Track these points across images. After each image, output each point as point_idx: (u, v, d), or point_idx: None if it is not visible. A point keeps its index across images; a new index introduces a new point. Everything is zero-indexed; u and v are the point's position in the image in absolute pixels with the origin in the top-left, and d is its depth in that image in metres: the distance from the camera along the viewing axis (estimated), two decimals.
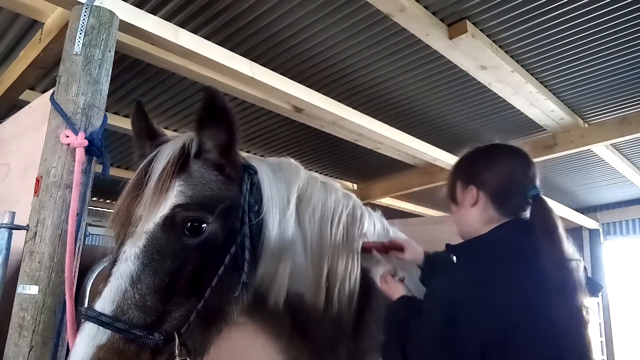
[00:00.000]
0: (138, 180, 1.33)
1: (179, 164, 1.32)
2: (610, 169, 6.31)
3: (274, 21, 3.36)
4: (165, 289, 1.21)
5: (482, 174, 1.49)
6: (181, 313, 1.23)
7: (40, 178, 2.00)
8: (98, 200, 8.71)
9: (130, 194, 1.33)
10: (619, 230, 8.42)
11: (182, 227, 1.26)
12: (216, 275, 1.29)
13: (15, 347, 1.81)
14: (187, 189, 1.30)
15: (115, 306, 1.16)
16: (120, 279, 1.20)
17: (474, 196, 1.48)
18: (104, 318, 1.14)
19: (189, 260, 1.27)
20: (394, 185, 6.79)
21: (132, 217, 1.28)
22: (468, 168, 1.57)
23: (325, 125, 4.63)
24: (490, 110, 4.75)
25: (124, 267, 1.21)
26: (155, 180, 1.29)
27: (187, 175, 1.33)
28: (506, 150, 1.56)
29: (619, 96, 4.45)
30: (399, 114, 4.85)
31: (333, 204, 1.71)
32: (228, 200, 1.37)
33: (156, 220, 1.25)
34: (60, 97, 2.10)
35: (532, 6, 3.15)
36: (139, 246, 1.23)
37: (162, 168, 1.31)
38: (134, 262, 1.21)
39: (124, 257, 1.23)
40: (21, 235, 1.94)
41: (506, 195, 1.44)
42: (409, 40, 3.53)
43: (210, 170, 1.37)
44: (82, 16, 2.22)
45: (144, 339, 1.15)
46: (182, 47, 2.87)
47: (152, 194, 1.27)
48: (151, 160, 1.35)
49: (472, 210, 1.48)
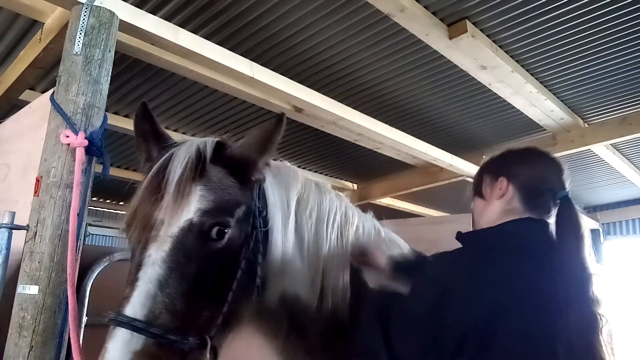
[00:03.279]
0: (155, 184, 1.32)
1: (198, 168, 1.32)
2: (610, 169, 6.31)
3: (274, 21, 3.36)
4: (193, 293, 1.21)
5: (516, 168, 1.50)
6: (207, 317, 1.24)
7: (40, 178, 2.00)
8: (98, 200, 8.72)
9: (148, 197, 1.31)
10: (619, 230, 8.42)
11: (208, 231, 1.26)
12: (235, 279, 1.31)
13: (15, 347, 1.81)
14: (208, 194, 1.30)
15: (147, 311, 1.15)
16: (148, 284, 1.18)
17: (503, 188, 1.48)
18: (138, 323, 1.12)
19: (213, 265, 1.27)
20: (394, 185, 6.79)
21: (152, 221, 1.27)
22: (500, 162, 1.58)
23: (325, 125, 4.63)
24: (490, 110, 4.75)
25: (151, 271, 1.20)
26: (175, 184, 1.28)
27: (207, 180, 1.33)
28: (540, 152, 1.58)
29: (619, 96, 4.46)
30: (399, 114, 4.85)
31: (328, 205, 1.73)
32: (243, 206, 1.38)
33: (181, 225, 1.25)
34: (60, 97, 2.10)
35: (532, 6, 3.15)
36: (165, 250, 1.22)
37: (181, 172, 1.30)
38: (161, 266, 1.20)
39: (149, 261, 1.21)
40: (21, 235, 1.94)
41: (536, 191, 1.45)
42: (409, 40, 3.53)
43: (228, 176, 1.38)
44: (82, 16, 2.22)
45: (179, 344, 1.15)
46: (182, 47, 2.87)
47: (173, 198, 1.26)
48: (166, 164, 1.34)
49: (497, 202, 1.49)
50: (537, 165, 1.52)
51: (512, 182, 1.48)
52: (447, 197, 6.81)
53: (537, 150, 1.60)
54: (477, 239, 1.45)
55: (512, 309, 1.22)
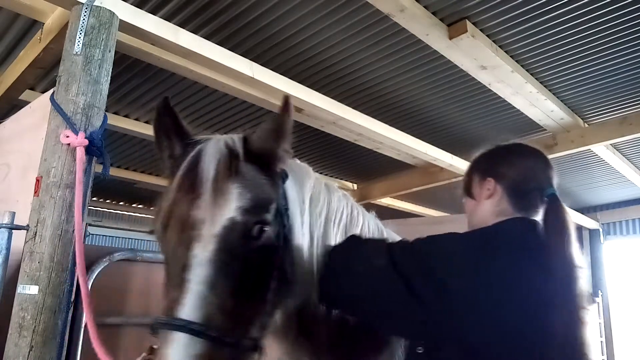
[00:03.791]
0: (188, 183, 1.29)
1: (230, 165, 1.30)
2: (610, 169, 6.31)
3: (274, 21, 3.37)
4: (239, 293, 1.20)
5: (502, 167, 1.50)
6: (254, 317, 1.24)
7: (40, 178, 2.00)
8: (98, 200, 8.72)
9: (183, 197, 1.28)
10: (619, 230, 8.42)
11: (250, 229, 1.25)
12: (273, 277, 1.31)
13: (15, 347, 1.81)
14: (245, 192, 1.28)
15: (202, 313, 1.13)
16: (199, 285, 1.15)
17: (490, 188, 1.49)
18: (196, 327, 1.10)
19: (255, 263, 1.26)
20: (394, 185, 6.79)
21: (192, 220, 1.24)
22: (487, 162, 1.58)
23: (325, 125, 4.64)
24: (490, 110, 4.76)
25: (199, 271, 1.17)
26: (211, 182, 1.26)
27: (242, 177, 1.30)
28: (527, 149, 1.58)
29: (619, 96, 4.46)
30: (399, 114, 4.85)
31: (336, 204, 1.73)
32: (275, 203, 1.37)
33: (224, 223, 1.22)
34: (60, 97, 2.10)
35: (532, 6, 3.15)
36: (210, 250, 1.20)
37: (215, 170, 1.28)
38: (208, 266, 1.18)
39: (196, 262, 1.19)
40: (21, 235, 1.94)
41: (523, 190, 1.45)
42: (409, 40, 3.53)
43: (259, 173, 1.36)
44: (82, 16, 2.22)
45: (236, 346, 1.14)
46: (182, 47, 2.87)
47: (212, 196, 1.24)
48: (196, 162, 1.32)
49: (487, 202, 1.49)
50: (523, 163, 1.50)
51: (500, 182, 1.48)
52: (447, 197, 6.82)
53: (524, 148, 1.59)
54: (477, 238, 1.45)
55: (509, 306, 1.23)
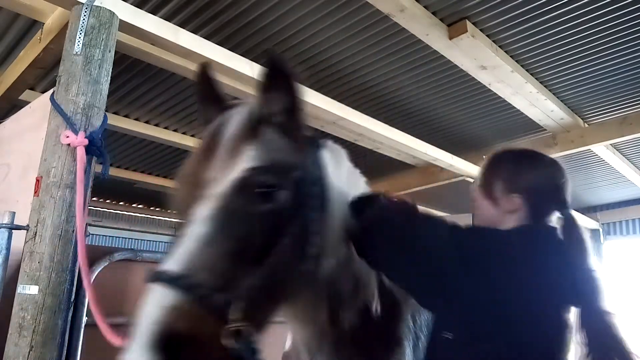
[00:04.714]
0: (207, 144, 1.31)
1: (250, 128, 1.30)
2: (610, 169, 6.31)
3: (274, 21, 3.37)
4: (235, 254, 1.18)
5: (530, 186, 1.51)
6: (247, 280, 1.19)
7: (40, 178, 2.00)
8: (98, 200, 8.72)
9: (200, 157, 1.30)
10: (619, 230, 8.42)
11: (254, 190, 1.23)
12: (282, 244, 1.26)
13: (15, 347, 1.81)
14: (259, 153, 1.27)
15: (184, 266, 1.13)
16: (191, 241, 1.16)
17: (515, 205, 1.49)
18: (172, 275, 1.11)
19: (259, 227, 1.23)
20: (394, 185, 6.78)
21: (202, 180, 1.25)
22: (514, 174, 1.56)
23: (325, 125, 4.63)
24: (490, 110, 4.76)
25: (195, 228, 1.18)
26: (226, 143, 1.27)
27: (259, 140, 1.30)
28: (555, 166, 1.58)
29: (619, 96, 4.46)
30: (399, 114, 4.85)
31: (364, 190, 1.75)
32: (298, 169, 1.34)
33: (228, 183, 1.22)
34: (60, 97, 2.10)
35: (532, 6, 3.15)
36: (211, 208, 1.20)
37: (233, 132, 1.29)
38: (206, 224, 1.18)
39: (194, 219, 1.20)
40: (21, 235, 1.94)
41: (546, 210, 1.49)
42: (409, 40, 3.53)
43: (281, 136, 1.35)
44: (82, 16, 2.22)
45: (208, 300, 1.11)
46: (182, 47, 2.87)
47: (224, 157, 1.25)
48: (220, 124, 1.33)
49: (510, 215, 1.50)
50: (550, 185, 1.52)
51: (525, 201, 1.49)
52: (447, 197, 6.81)
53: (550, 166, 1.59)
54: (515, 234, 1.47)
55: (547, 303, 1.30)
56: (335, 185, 1.50)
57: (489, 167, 1.64)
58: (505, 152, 1.66)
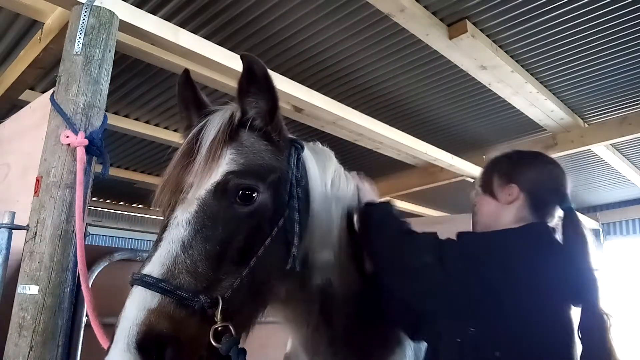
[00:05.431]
0: (188, 148, 1.33)
1: (229, 132, 1.32)
2: (610, 169, 6.31)
3: (274, 21, 3.37)
4: (215, 257, 1.20)
5: (526, 175, 1.54)
6: (229, 281, 1.21)
7: (40, 178, 2.00)
8: (98, 200, 8.72)
9: (180, 162, 1.33)
10: (619, 230, 8.43)
11: (234, 194, 1.26)
12: (263, 245, 1.28)
13: (15, 347, 1.80)
14: (238, 157, 1.30)
15: (165, 270, 1.15)
16: (171, 244, 1.18)
17: (513, 194, 1.52)
18: (149, 279, 1.12)
19: (239, 229, 1.26)
20: (394, 185, 6.79)
21: (182, 184, 1.28)
22: (511, 167, 1.61)
23: (325, 125, 4.63)
24: (490, 110, 4.76)
25: (175, 232, 1.20)
26: (206, 148, 1.29)
27: (238, 144, 1.33)
28: (550, 160, 1.63)
29: (619, 96, 4.46)
30: (399, 114, 4.85)
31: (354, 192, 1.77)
32: (278, 171, 1.37)
33: (208, 187, 1.25)
34: (60, 97, 2.10)
35: (532, 6, 3.15)
36: (190, 212, 1.22)
37: (212, 136, 1.31)
38: (185, 227, 1.20)
39: (175, 222, 1.22)
40: (21, 235, 1.94)
41: (544, 201, 1.51)
42: (409, 40, 3.53)
43: (260, 140, 1.37)
44: (82, 16, 2.22)
45: (189, 301, 1.13)
46: (182, 47, 2.87)
47: (204, 161, 1.27)
48: (201, 129, 1.35)
49: (508, 207, 1.52)
50: (547, 175, 1.56)
51: (523, 190, 1.50)
52: (447, 197, 6.82)
53: (547, 159, 1.63)
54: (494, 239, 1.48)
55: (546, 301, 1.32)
56: (318, 186, 1.52)
57: (489, 166, 1.67)
58: (504, 153, 1.69)
